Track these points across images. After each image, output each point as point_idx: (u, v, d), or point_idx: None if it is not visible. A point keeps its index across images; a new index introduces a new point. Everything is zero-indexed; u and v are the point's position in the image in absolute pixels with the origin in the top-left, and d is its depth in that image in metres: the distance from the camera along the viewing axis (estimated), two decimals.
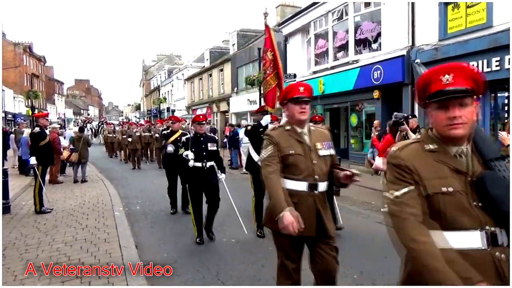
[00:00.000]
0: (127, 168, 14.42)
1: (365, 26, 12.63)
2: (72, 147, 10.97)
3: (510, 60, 8.04)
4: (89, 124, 30.14)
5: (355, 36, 12.94)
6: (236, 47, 25.43)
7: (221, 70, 26.52)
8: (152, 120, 32.67)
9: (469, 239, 1.46)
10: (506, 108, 8.88)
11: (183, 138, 5.39)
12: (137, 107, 65.89)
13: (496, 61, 8.42)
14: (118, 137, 17.13)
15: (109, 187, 9.61)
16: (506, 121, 7.89)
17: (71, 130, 16.19)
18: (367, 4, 12.38)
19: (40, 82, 48.16)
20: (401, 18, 10.94)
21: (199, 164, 5.06)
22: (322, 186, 2.60)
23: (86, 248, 4.80)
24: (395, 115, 6.45)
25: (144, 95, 55.37)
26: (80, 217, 6.44)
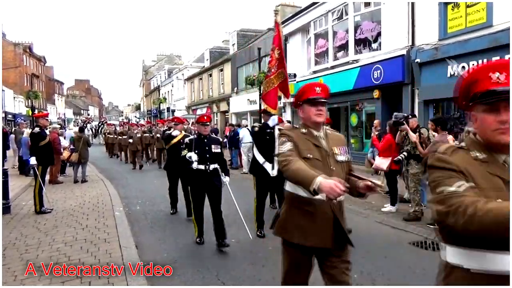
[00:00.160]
0: (127, 168, 14.42)
1: (365, 26, 12.63)
2: (72, 147, 10.98)
3: (510, 60, 8.02)
4: (89, 124, 30.16)
5: (355, 36, 12.94)
6: (236, 47, 25.47)
7: (221, 70, 26.53)
8: (153, 120, 32.70)
9: None
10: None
11: (186, 140, 5.18)
12: (137, 107, 65.90)
13: None
14: (119, 138, 17.11)
15: (109, 187, 9.61)
16: None
17: (71, 130, 16.17)
18: (367, 4, 12.39)
19: (40, 82, 48.15)
20: (401, 18, 10.94)
21: (202, 167, 4.89)
22: None
23: (86, 248, 4.80)
24: (395, 115, 6.46)
25: (144, 95, 55.40)
26: (80, 217, 6.45)
